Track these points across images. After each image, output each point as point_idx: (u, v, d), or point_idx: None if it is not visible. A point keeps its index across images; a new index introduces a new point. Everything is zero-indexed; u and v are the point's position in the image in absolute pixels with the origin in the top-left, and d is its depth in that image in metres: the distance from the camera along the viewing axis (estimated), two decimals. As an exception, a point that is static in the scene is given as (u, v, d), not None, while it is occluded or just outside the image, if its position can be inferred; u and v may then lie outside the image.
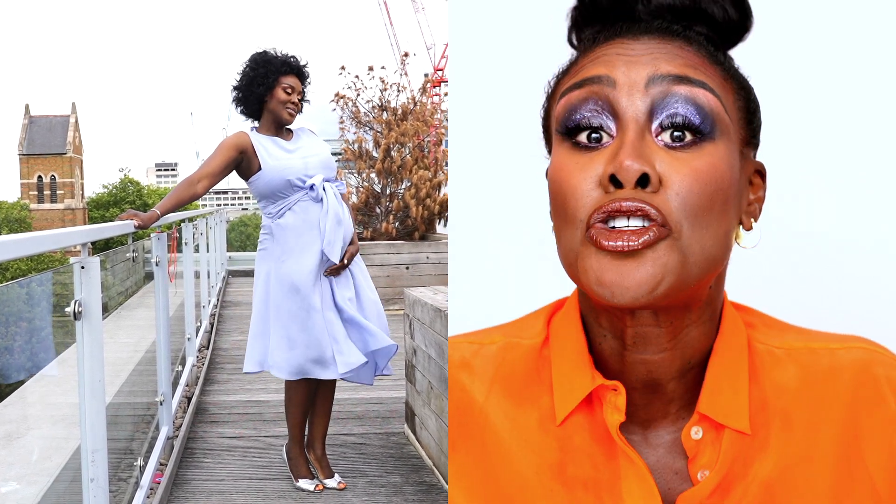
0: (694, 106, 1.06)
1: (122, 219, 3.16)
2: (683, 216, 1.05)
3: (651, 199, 1.04)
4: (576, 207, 1.08)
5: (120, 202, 64.94)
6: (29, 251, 1.90)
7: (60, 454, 3.07)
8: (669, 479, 1.20)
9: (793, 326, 1.28)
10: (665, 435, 1.21)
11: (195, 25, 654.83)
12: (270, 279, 3.48)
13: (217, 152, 3.44)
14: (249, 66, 3.49)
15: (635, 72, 1.08)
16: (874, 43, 1.49)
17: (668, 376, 1.18)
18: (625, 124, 1.07)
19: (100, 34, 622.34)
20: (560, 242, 1.13)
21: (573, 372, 1.21)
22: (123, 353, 4.51)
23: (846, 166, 1.52)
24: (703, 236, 1.06)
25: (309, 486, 3.53)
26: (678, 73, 1.08)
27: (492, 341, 1.30)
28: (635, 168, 1.04)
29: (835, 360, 1.21)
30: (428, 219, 10.60)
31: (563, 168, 1.11)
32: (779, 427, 1.19)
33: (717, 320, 1.20)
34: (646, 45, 1.10)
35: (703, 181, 1.06)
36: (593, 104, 1.09)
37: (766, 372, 1.22)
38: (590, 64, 1.12)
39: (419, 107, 11.29)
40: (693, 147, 1.06)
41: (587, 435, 1.21)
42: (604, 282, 1.06)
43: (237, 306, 10.15)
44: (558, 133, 1.13)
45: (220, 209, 14.20)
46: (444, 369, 3.49)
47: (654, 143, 1.07)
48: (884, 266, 1.52)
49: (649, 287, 1.05)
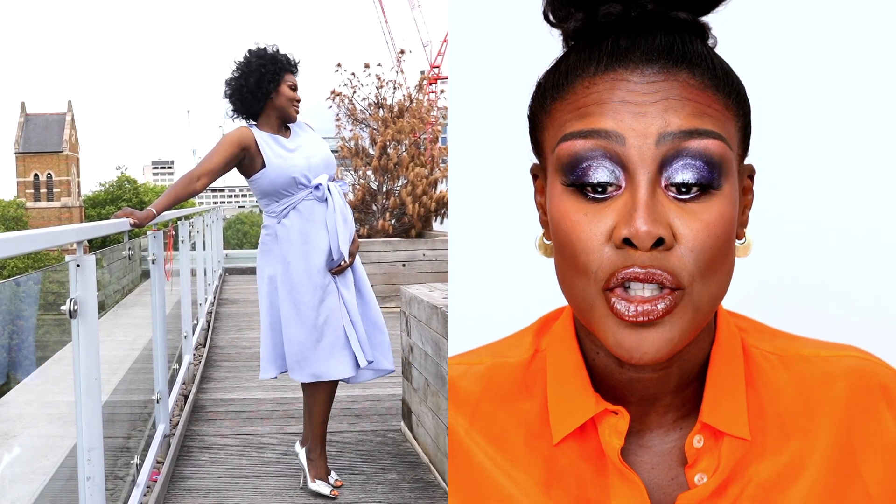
0: (704, 161, 1.06)
1: (118, 217, 3.14)
2: (697, 271, 1.06)
3: (665, 260, 1.05)
4: (587, 262, 1.08)
5: (116, 200, 64.87)
6: (24, 249, 1.89)
7: (57, 452, 3.06)
8: (665, 484, 1.21)
9: (781, 332, 1.28)
10: (661, 443, 1.21)
11: (191, 23, 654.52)
12: (277, 282, 3.44)
13: (218, 148, 3.38)
14: (258, 63, 3.41)
15: (645, 126, 1.06)
16: (866, 39, 1.48)
17: (665, 391, 1.19)
18: (635, 180, 1.06)
19: (96, 32, 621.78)
20: (566, 281, 1.13)
21: (572, 392, 1.21)
22: (120, 352, 4.51)
23: (831, 165, 1.52)
24: (710, 285, 1.08)
25: (325, 489, 3.46)
26: (688, 128, 1.06)
27: (479, 362, 1.30)
28: (652, 233, 1.04)
29: (828, 368, 1.22)
30: (424, 216, 10.60)
31: (569, 217, 1.10)
32: (775, 431, 1.20)
33: (713, 328, 1.21)
34: (652, 88, 1.08)
35: (714, 234, 1.07)
36: (602, 158, 1.08)
37: (761, 376, 1.23)
38: (594, 109, 1.09)
39: (415, 104, 11.30)
40: (703, 198, 1.07)
41: (575, 455, 1.21)
42: (623, 345, 1.08)
43: (234, 304, 10.15)
44: (561, 174, 1.11)
45: (216, 206, 14.19)
46: (441, 366, 3.49)
47: (664, 197, 1.07)
48: (872, 267, 1.52)
49: (668, 350, 1.07)
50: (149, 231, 4.07)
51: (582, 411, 1.19)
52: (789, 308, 1.52)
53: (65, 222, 64.58)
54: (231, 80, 3.46)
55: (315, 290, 3.38)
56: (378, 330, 3.57)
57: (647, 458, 1.21)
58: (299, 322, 3.40)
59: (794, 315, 1.49)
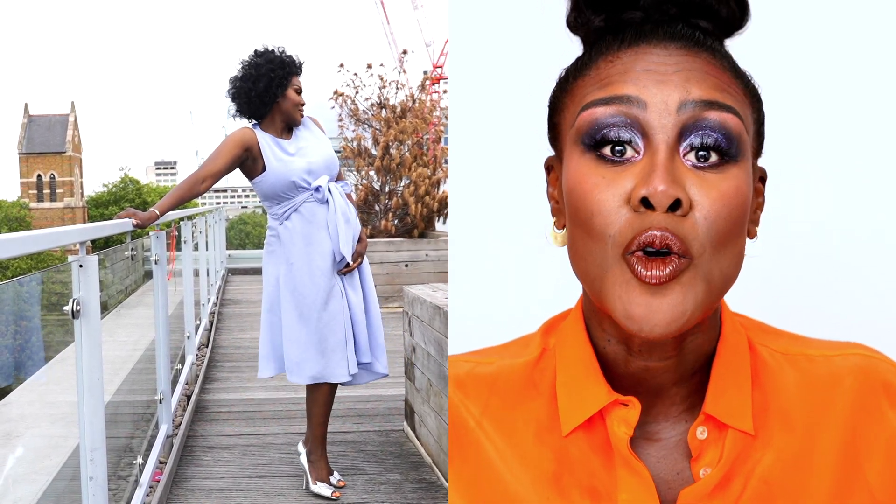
0: (723, 132, 1.08)
1: (121, 217, 3.15)
2: (708, 241, 1.07)
3: (679, 225, 1.06)
4: (604, 224, 1.08)
5: (119, 201, 65.00)
6: (27, 250, 1.90)
7: (59, 453, 3.07)
8: (671, 479, 1.21)
9: (786, 332, 1.29)
10: (666, 436, 1.22)
11: (194, 24, 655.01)
12: (280, 283, 3.45)
13: (222, 149, 3.38)
14: (267, 67, 3.39)
15: (666, 94, 1.08)
16: (870, 38, 1.48)
17: (671, 381, 1.19)
18: (654, 144, 1.08)
19: (99, 33, 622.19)
20: (579, 252, 1.13)
21: (583, 383, 1.21)
22: (123, 352, 4.51)
23: (836, 164, 1.52)
24: (721, 260, 1.08)
25: (326, 491, 3.47)
26: (709, 99, 1.09)
27: (489, 361, 1.30)
28: (669, 193, 1.05)
29: (833, 367, 1.23)
30: (427, 216, 10.60)
31: (586, 180, 1.11)
32: (779, 427, 1.21)
33: (719, 324, 1.21)
34: (674, 60, 1.11)
35: (729, 205, 1.08)
36: (622, 122, 1.09)
37: (767, 373, 1.23)
38: (617, 77, 1.11)
39: (418, 104, 11.29)
40: (719, 168, 1.08)
41: (584, 445, 1.22)
42: (633, 315, 1.08)
43: (237, 304, 10.15)
44: (581, 143, 1.12)
45: (219, 207, 14.20)
46: (444, 367, 3.49)
47: (682, 164, 1.08)
48: (876, 267, 1.52)
49: (679, 322, 1.07)
50: (151, 231, 4.07)
51: (593, 401, 1.20)
52: (793, 308, 1.52)
53: (68, 223, 64.64)
54: (237, 81, 3.43)
55: (318, 292, 3.39)
56: (379, 332, 3.59)
57: (653, 452, 1.22)
58: (300, 323, 3.41)
59: (797, 315, 1.49)
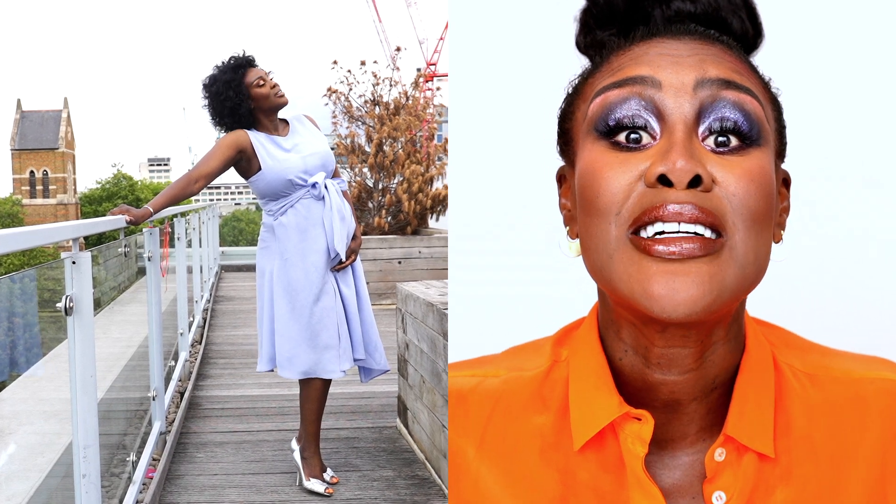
0: (742, 112, 1.02)
1: (114, 214, 3.14)
2: (740, 219, 0.99)
3: (706, 200, 0.98)
4: (611, 201, 1.01)
5: (113, 197, 64.81)
6: (20, 246, 1.89)
7: (52, 450, 3.06)
8: (687, 502, 1.15)
9: (813, 345, 1.22)
10: (683, 457, 1.15)
11: (187, 20, 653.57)
12: (273, 278, 3.47)
13: (216, 151, 3.39)
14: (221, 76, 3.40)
15: (682, 73, 1.03)
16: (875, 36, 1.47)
17: (690, 397, 1.12)
18: (671, 126, 1.01)
19: (92, 29, 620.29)
20: (589, 241, 1.06)
21: (595, 394, 1.14)
22: (116, 349, 4.50)
23: (865, 168, 1.50)
24: (757, 243, 1.01)
25: (320, 487, 3.47)
26: (726, 78, 1.03)
27: (496, 374, 1.23)
28: (688, 168, 0.98)
29: (861, 392, 1.15)
30: (420, 213, 10.60)
31: (598, 163, 1.04)
32: (804, 454, 1.14)
33: (743, 338, 1.14)
34: (689, 46, 1.06)
35: (757, 182, 1.01)
36: (636, 103, 1.03)
37: (791, 394, 1.16)
38: (629, 63, 1.06)
39: (411, 101, 11.29)
40: (740, 152, 1.02)
41: (593, 465, 1.15)
42: (652, 294, 0.98)
43: (230, 301, 10.14)
44: (593, 131, 1.06)
45: (212, 204, 14.16)
46: (437, 364, 3.49)
47: (701, 147, 1.02)
48: (887, 283, 1.49)
49: (704, 305, 0.98)
50: (145, 228, 4.06)
51: (605, 413, 1.13)
52: (800, 322, 1.49)
53: (61, 219, 64.45)
54: (207, 106, 3.47)
55: (311, 288, 3.39)
56: (373, 329, 3.60)
57: (668, 473, 1.15)
58: (293, 319, 3.42)
59: (817, 321, 1.44)
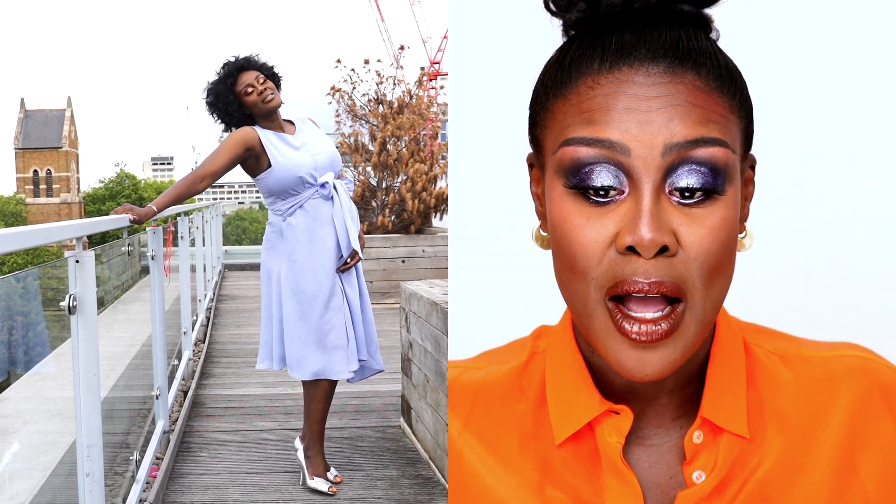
0: (709, 168, 1.06)
1: (118, 213, 3.14)
2: (699, 280, 1.06)
3: (670, 267, 1.05)
4: (587, 266, 1.07)
5: (116, 196, 64.85)
6: (23, 245, 1.89)
7: (56, 449, 3.07)
8: (664, 483, 1.20)
9: (781, 333, 1.27)
10: (659, 441, 1.20)
11: (190, 19, 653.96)
12: (282, 279, 3.45)
13: (223, 149, 3.38)
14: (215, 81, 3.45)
15: (650, 136, 1.05)
16: (868, 31, 1.48)
17: (665, 390, 1.18)
18: (640, 188, 1.05)
19: (95, 28, 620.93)
20: (567, 288, 1.12)
21: (574, 392, 1.20)
22: (119, 348, 4.51)
23: (834, 159, 1.51)
24: (712, 292, 1.07)
25: (323, 486, 3.47)
26: (694, 138, 1.06)
27: (477, 367, 1.29)
28: (656, 241, 1.03)
29: (829, 369, 1.22)
30: (424, 212, 10.59)
31: (570, 220, 1.09)
32: (775, 429, 1.20)
33: (713, 327, 1.19)
34: (657, 88, 1.06)
35: (718, 240, 1.06)
36: (606, 169, 1.06)
37: (762, 374, 1.22)
38: (599, 115, 1.07)
39: (415, 100, 11.29)
40: (706, 203, 1.06)
41: (569, 455, 1.20)
42: (625, 365, 1.07)
43: (233, 300, 10.15)
44: (562, 177, 1.10)
45: (216, 203, 14.18)
46: (440, 363, 3.49)
47: (667, 203, 1.06)
48: (874, 264, 1.51)
49: (671, 368, 1.07)
50: (148, 227, 4.07)
51: (585, 410, 1.18)
52: (788, 307, 1.51)
53: (64, 218, 64.50)
54: (208, 109, 3.50)
55: (320, 288, 3.39)
56: (373, 329, 3.62)
57: (646, 457, 1.20)
58: (302, 320, 3.41)
59: (792, 315, 1.48)
